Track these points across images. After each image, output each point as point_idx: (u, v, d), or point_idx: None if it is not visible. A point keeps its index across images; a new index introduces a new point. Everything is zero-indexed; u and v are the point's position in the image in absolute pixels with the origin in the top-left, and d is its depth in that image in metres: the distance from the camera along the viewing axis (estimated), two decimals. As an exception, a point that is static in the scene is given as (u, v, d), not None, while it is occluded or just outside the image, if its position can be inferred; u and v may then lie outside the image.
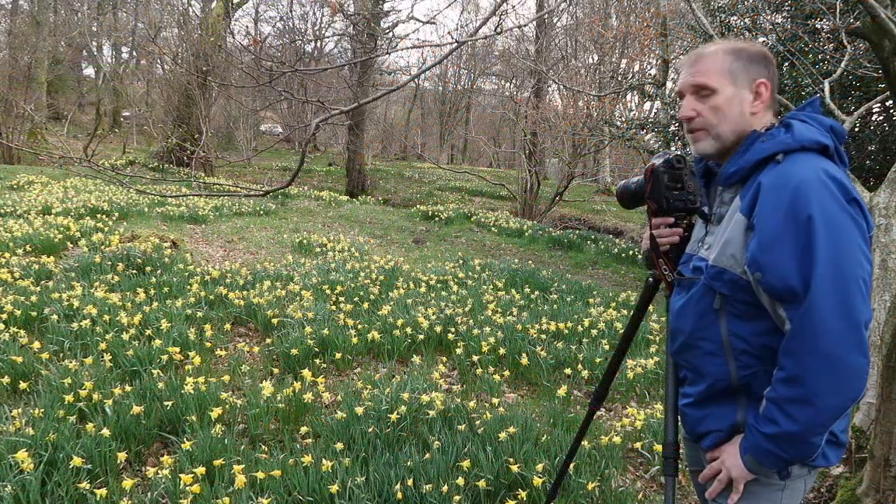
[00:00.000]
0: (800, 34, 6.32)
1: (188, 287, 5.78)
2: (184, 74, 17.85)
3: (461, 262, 8.61)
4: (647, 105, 17.82)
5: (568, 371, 4.35)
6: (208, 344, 4.47)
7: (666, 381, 1.62)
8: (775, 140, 1.37)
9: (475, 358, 4.46)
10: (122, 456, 2.89)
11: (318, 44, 24.46)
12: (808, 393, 1.25)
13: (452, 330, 4.97)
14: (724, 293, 1.40)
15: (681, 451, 1.71)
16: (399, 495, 2.66)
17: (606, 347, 4.80)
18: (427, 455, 3.01)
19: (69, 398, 3.31)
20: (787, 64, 6.59)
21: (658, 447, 3.35)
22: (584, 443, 3.17)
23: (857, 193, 1.31)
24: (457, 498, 2.66)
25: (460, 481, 2.76)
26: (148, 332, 4.46)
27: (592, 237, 12.36)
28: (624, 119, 13.56)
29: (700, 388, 1.50)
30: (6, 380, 3.57)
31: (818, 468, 1.45)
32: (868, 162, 6.96)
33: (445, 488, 2.71)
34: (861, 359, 1.24)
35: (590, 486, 2.82)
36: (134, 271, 6.16)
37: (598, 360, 4.55)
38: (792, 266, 1.25)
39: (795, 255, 1.25)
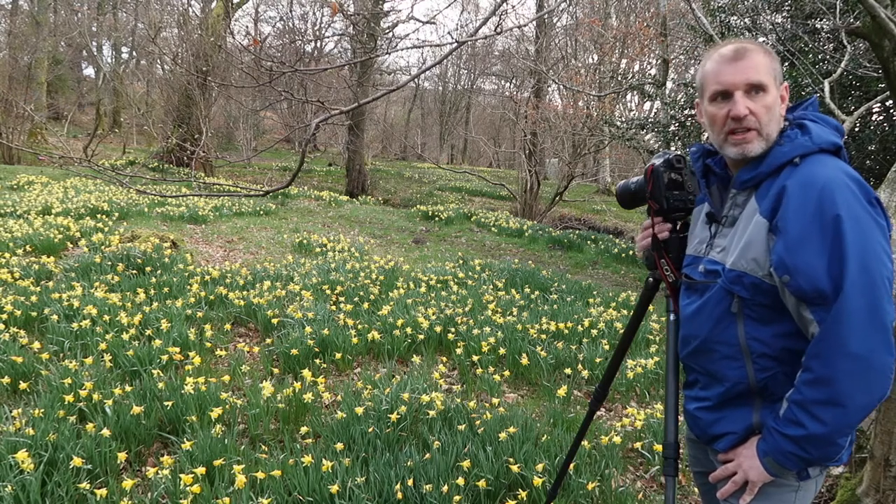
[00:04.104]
0: (800, 34, 6.32)
1: (188, 287, 5.78)
2: (184, 74, 17.84)
3: (461, 262, 8.61)
4: (647, 105, 17.83)
5: (568, 371, 4.35)
6: (208, 344, 4.47)
7: (666, 381, 1.62)
8: (794, 143, 1.35)
9: (475, 358, 4.46)
10: (122, 456, 2.89)
11: (318, 44, 24.45)
12: (836, 394, 1.25)
13: (452, 330, 4.97)
14: (743, 296, 1.38)
15: (681, 450, 1.70)
16: (399, 495, 2.66)
17: (606, 347, 4.80)
18: (427, 455, 3.01)
19: (69, 398, 3.31)
20: (787, 64, 6.60)
21: (658, 447, 3.34)
22: (584, 443, 3.17)
23: (876, 194, 1.31)
24: (457, 498, 2.66)
25: (460, 481, 2.76)
26: (148, 332, 4.46)
27: (592, 237, 12.36)
28: (624, 119, 13.56)
29: (716, 391, 1.49)
30: (6, 380, 3.57)
31: (830, 467, 1.45)
32: (868, 162, 6.96)
33: (445, 488, 2.71)
34: (889, 358, 1.24)
35: (590, 486, 2.82)
36: (134, 271, 6.16)
37: (598, 359, 4.55)
38: (820, 267, 1.24)
39: (824, 257, 1.24)
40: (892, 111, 6.86)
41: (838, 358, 1.23)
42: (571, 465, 2.71)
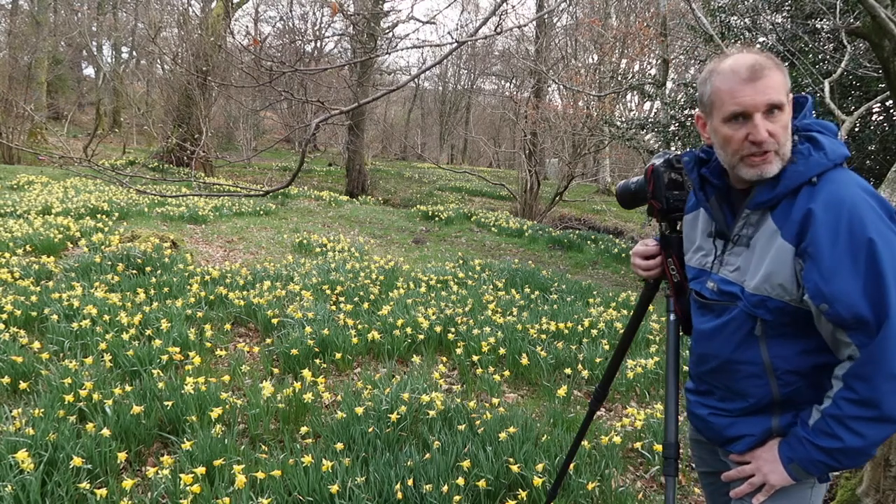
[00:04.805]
0: (800, 34, 6.32)
1: (188, 287, 5.77)
2: (184, 74, 17.84)
3: (461, 262, 8.61)
4: (647, 105, 17.83)
5: (568, 371, 4.35)
6: (208, 344, 4.47)
7: (666, 381, 1.62)
8: (809, 162, 1.32)
9: (475, 358, 4.46)
10: (122, 456, 2.89)
11: (318, 44, 24.46)
12: (882, 414, 1.26)
13: (452, 330, 4.97)
14: (767, 319, 1.37)
15: (681, 451, 1.70)
16: (399, 495, 2.66)
17: (606, 347, 4.80)
18: (427, 455, 3.01)
19: (69, 398, 3.31)
20: (787, 64, 6.60)
21: (658, 447, 3.34)
22: (584, 443, 3.17)
23: (892, 206, 1.31)
24: (457, 498, 2.66)
25: (460, 481, 2.76)
26: (148, 332, 4.46)
27: (592, 237, 12.36)
28: (624, 119, 13.57)
29: (738, 406, 1.48)
30: (6, 380, 3.57)
31: None
32: (868, 162, 6.96)
33: (445, 488, 2.71)
34: None
35: (590, 486, 2.82)
36: (134, 271, 6.16)
37: (598, 359, 4.55)
38: (857, 293, 1.23)
39: (859, 282, 1.24)
40: (892, 111, 6.86)
41: (883, 380, 1.24)
42: (571, 465, 2.71)
